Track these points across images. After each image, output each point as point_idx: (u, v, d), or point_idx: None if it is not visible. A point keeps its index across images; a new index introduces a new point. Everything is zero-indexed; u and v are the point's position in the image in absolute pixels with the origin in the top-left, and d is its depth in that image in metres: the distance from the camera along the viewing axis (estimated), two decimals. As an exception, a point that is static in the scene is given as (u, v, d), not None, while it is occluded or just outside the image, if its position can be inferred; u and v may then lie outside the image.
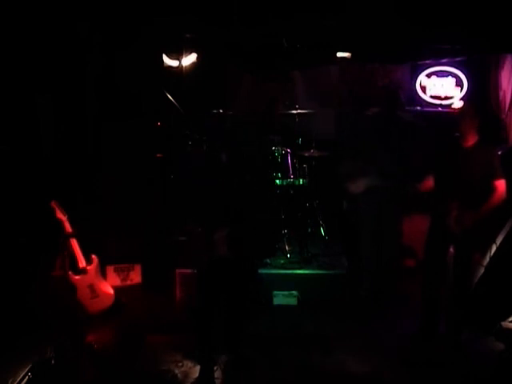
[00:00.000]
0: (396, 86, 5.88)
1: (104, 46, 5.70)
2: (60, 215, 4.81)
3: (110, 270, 5.54)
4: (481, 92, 6.66)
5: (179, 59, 6.21)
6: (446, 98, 6.89)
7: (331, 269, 5.36)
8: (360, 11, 5.65)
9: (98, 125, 5.77)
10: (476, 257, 4.42)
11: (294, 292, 5.09)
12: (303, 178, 6.05)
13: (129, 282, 5.62)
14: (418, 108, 6.82)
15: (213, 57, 6.68)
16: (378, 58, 6.87)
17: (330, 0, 5.60)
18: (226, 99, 6.92)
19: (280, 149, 5.97)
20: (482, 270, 4.59)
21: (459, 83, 6.84)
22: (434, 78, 6.92)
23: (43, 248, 5.11)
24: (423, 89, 6.95)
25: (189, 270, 4.88)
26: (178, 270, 5.08)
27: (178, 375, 3.89)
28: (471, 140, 4.06)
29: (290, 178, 5.99)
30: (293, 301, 5.07)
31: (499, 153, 4.37)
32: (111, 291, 5.00)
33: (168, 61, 6.25)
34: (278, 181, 5.93)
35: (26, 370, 3.76)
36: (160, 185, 5.69)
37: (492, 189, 3.96)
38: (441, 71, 6.91)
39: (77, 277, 4.80)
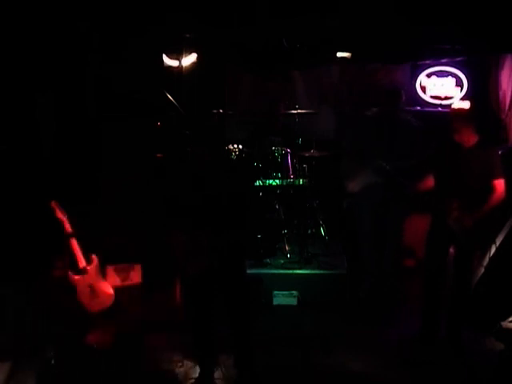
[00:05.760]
0: (398, 86, 5.88)
1: (104, 46, 5.70)
2: (60, 215, 4.81)
3: (110, 270, 5.53)
4: (481, 92, 6.65)
5: (179, 59, 6.20)
6: (446, 98, 6.88)
7: (331, 269, 5.35)
8: (360, 11, 5.65)
9: (98, 125, 5.77)
10: (476, 257, 4.41)
11: (294, 292, 5.09)
12: (303, 178, 6.04)
13: (129, 282, 5.61)
14: (418, 108, 6.82)
15: (213, 57, 6.68)
16: (378, 58, 6.86)
17: (330, 0, 5.60)
18: (226, 99, 6.92)
19: (280, 149, 5.97)
20: (482, 270, 4.59)
21: (459, 83, 6.84)
22: (434, 78, 6.92)
23: (43, 248, 5.11)
24: (423, 89, 6.94)
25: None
26: (178, 270, 5.08)
27: (178, 375, 3.89)
28: (471, 141, 4.06)
29: (290, 178, 5.99)
30: (293, 301, 5.07)
31: (499, 153, 4.37)
32: (111, 291, 5.00)
33: (168, 61, 6.24)
34: (278, 181, 5.93)
35: (26, 369, 3.76)
36: (160, 185, 5.69)
37: (492, 189, 3.97)
38: (441, 71, 6.89)
39: (77, 277, 4.80)
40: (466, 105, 4.07)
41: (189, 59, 6.33)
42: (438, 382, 3.87)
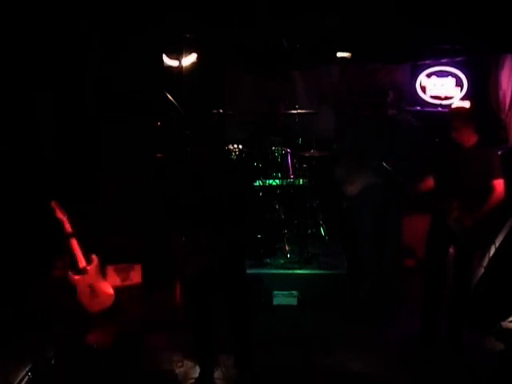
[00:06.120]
0: (387, 87, 5.89)
1: (104, 46, 5.70)
2: (60, 215, 4.81)
3: (110, 269, 5.53)
4: (481, 92, 6.66)
5: (179, 59, 6.20)
6: (446, 98, 6.88)
7: (331, 269, 5.35)
8: (360, 11, 5.65)
9: (98, 125, 5.77)
10: (476, 257, 4.42)
11: (294, 292, 5.10)
12: (303, 178, 6.05)
13: (129, 282, 5.61)
14: (418, 108, 6.82)
15: (213, 57, 6.68)
16: (378, 58, 6.86)
17: (330, 0, 5.60)
18: (226, 99, 6.92)
19: (280, 149, 5.98)
20: (482, 270, 4.59)
21: (459, 83, 6.84)
22: (434, 77, 6.92)
23: (43, 248, 5.11)
24: (423, 89, 6.94)
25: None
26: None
27: (178, 375, 3.89)
28: (471, 140, 4.06)
29: (290, 178, 5.99)
30: (293, 301, 5.07)
31: (499, 153, 4.37)
32: (111, 291, 5.00)
33: (168, 61, 6.24)
34: (278, 181, 5.93)
35: (26, 369, 3.76)
36: (160, 185, 5.69)
37: (491, 189, 3.97)
38: (441, 71, 6.89)
39: (77, 277, 4.80)
40: (466, 105, 4.07)
41: (189, 59, 6.33)
42: (437, 382, 3.87)
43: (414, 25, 5.83)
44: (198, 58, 6.39)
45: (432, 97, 6.93)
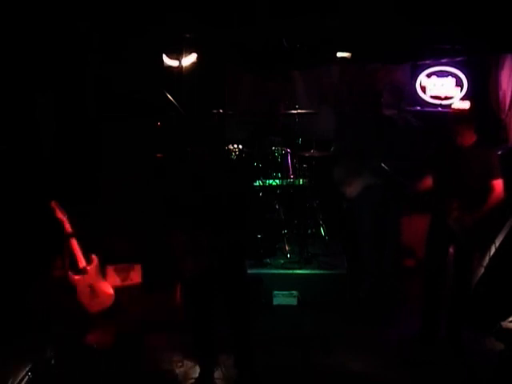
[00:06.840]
0: (386, 87, 5.89)
1: (104, 46, 5.70)
2: (60, 215, 4.81)
3: (110, 270, 5.53)
4: (481, 92, 6.66)
5: (179, 59, 6.21)
6: (446, 98, 6.88)
7: (331, 269, 5.35)
8: (360, 11, 5.66)
9: (98, 125, 5.77)
10: (476, 257, 4.42)
11: (294, 292, 5.10)
12: (303, 178, 6.05)
13: (129, 282, 5.61)
14: (418, 108, 6.82)
15: (213, 57, 6.68)
16: (378, 58, 6.86)
17: (330, 0, 5.60)
18: (226, 99, 6.92)
19: (280, 149, 5.98)
20: (482, 270, 4.59)
21: (459, 83, 6.84)
22: (434, 77, 6.92)
23: (43, 248, 5.11)
24: (423, 89, 6.94)
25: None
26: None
27: (178, 375, 3.89)
28: (470, 140, 4.07)
29: (290, 178, 5.99)
30: (293, 301, 5.08)
31: (499, 153, 4.37)
32: (111, 291, 5.00)
33: (168, 61, 6.25)
34: (278, 181, 5.93)
35: (26, 369, 3.76)
36: (160, 185, 5.69)
37: (491, 189, 3.97)
38: (441, 71, 6.90)
39: (77, 277, 4.81)
40: (466, 105, 4.07)
41: (189, 59, 6.33)
42: (437, 382, 3.87)
43: (414, 25, 5.83)
44: (198, 58, 6.39)
45: (432, 97, 6.93)
